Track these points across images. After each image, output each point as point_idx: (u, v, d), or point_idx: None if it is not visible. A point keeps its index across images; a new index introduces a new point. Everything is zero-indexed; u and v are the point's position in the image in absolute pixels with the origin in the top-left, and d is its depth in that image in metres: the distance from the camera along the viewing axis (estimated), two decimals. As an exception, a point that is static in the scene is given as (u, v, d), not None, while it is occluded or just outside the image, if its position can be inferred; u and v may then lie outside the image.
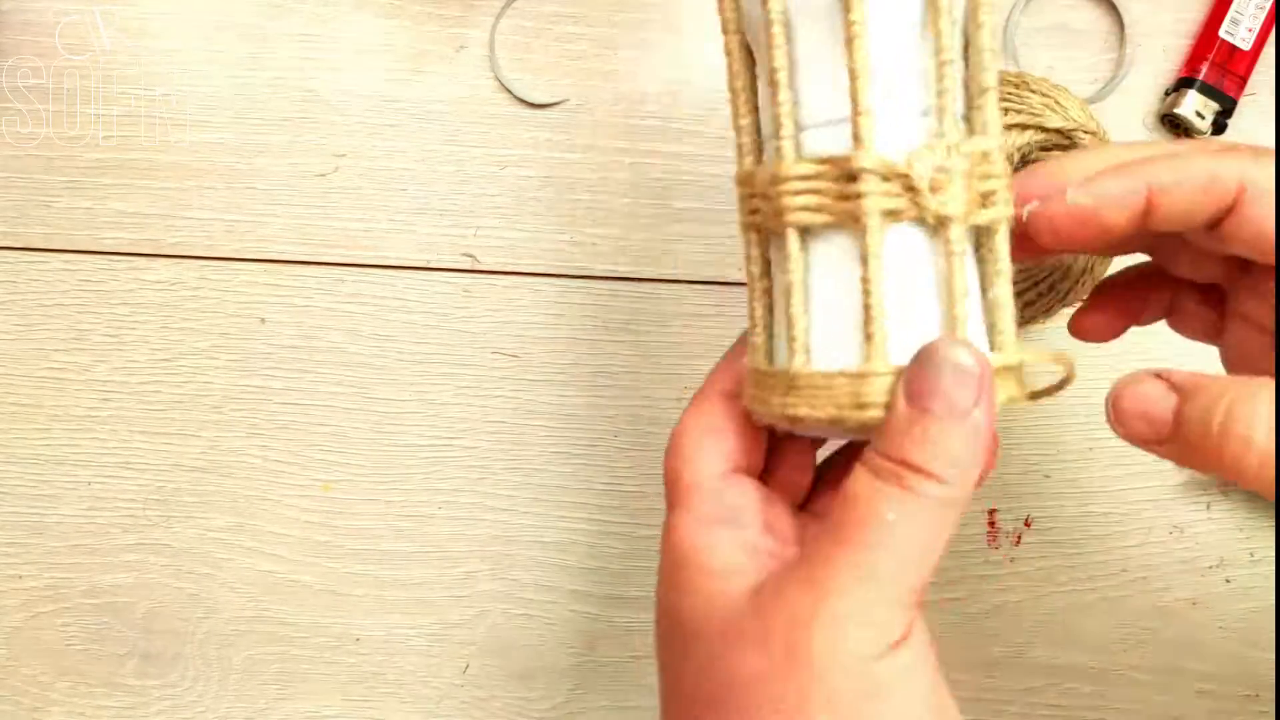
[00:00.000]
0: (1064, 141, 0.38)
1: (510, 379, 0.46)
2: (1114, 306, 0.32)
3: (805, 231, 0.26)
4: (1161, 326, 0.33)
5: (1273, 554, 0.45)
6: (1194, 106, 0.45)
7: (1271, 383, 0.24)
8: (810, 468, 0.32)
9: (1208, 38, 0.45)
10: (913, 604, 0.25)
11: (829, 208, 0.25)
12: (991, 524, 0.45)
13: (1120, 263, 0.40)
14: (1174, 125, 0.46)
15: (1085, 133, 0.38)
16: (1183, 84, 0.45)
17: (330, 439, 0.46)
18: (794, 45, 0.26)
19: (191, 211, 0.47)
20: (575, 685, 0.45)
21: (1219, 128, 0.45)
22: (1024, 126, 0.38)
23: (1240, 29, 0.45)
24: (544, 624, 0.45)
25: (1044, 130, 0.38)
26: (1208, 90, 0.45)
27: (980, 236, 0.26)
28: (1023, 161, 0.38)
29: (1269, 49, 0.46)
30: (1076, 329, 0.33)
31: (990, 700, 0.44)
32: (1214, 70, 0.45)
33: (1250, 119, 0.46)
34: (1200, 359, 0.32)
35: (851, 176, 0.25)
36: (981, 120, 0.26)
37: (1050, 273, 0.38)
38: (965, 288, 0.25)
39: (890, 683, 0.24)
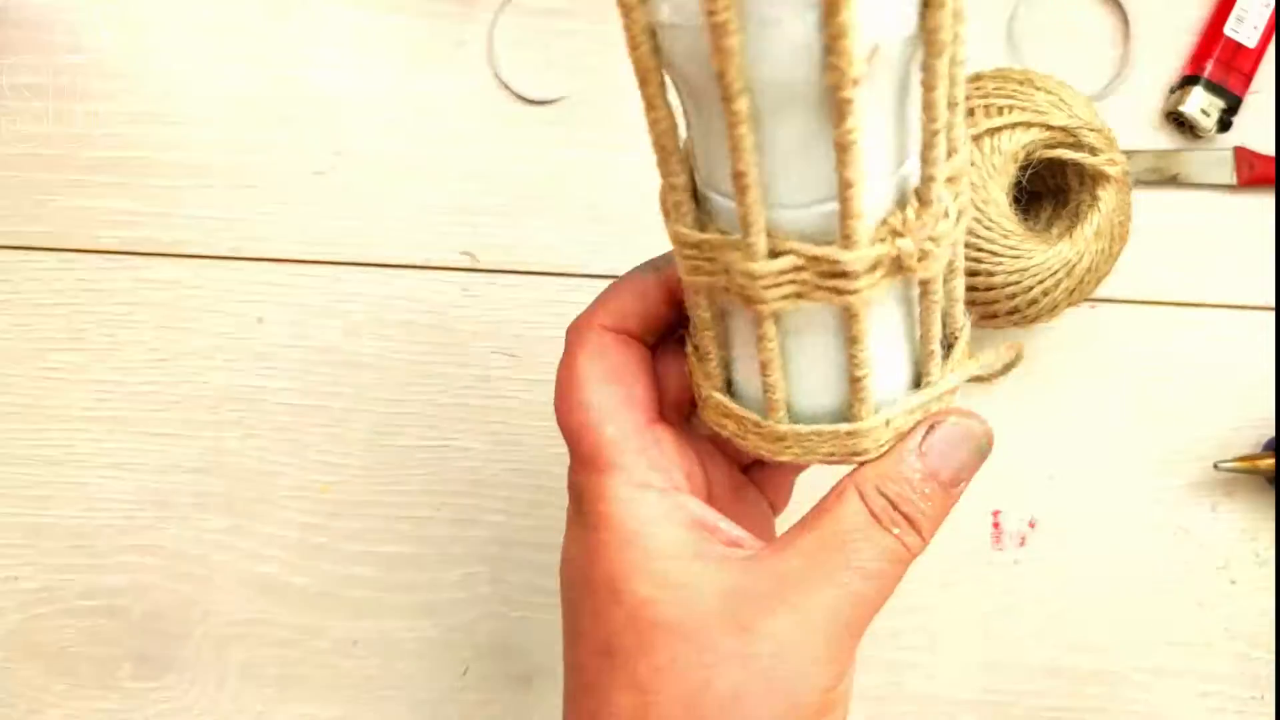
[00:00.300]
0: (1069, 139, 0.38)
1: (510, 379, 0.45)
2: None
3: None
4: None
5: (1279, 555, 0.44)
6: (1199, 104, 0.44)
7: None
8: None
9: (1212, 35, 0.45)
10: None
11: (810, 295, 0.23)
12: (996, 525, 0.45)
13: (1121, 265, 0.40)
14: (1179, 123, 0.45)
15: (1090, 130, 0.38)
16: (1187, 81, 0.45)
17: (328, 440, 0.45)
18: (760, 136, 0.21)
19: (189, 210, 0.46)
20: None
21: (1224, 125, 0.45)
22: (1029, 125, 0.37)
23: (1245, 26, 0.45)
24: (543, 627, 0.45)
25: (1049, 128, 0.37)
26: (1212, 88, 0.45)
27: None
28: (1028, 159, 0.38)
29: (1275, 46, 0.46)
30: None
31: (994, 702, 0.44)
32: (1219, 67, 0.45)
33: (1255, 116, 0.46)
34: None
35: (840, 273, 0.22)
36: (954, 139, 0.23)
37: (1055, 271, 0.37)
38: (940, 327, 0.25)
39: (834, 706, 0.26)
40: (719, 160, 0.22)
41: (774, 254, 0.22)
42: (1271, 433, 0.44)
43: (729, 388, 0.27)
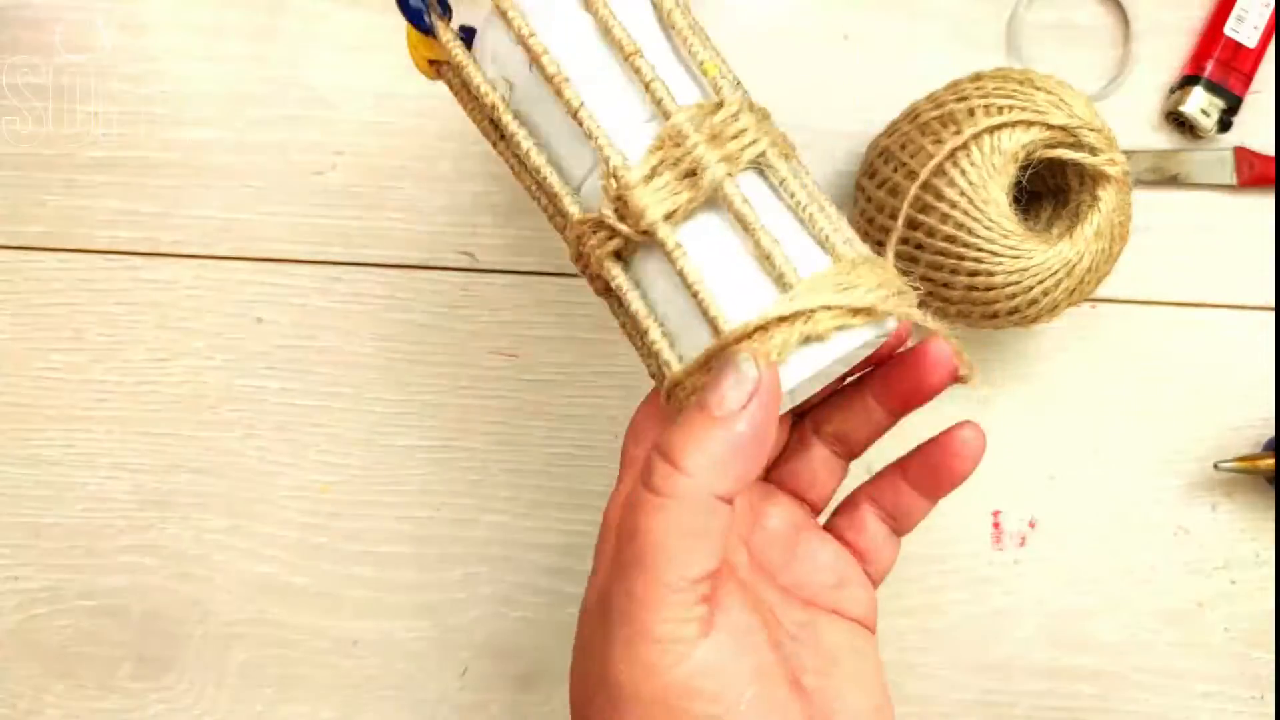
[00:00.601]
0: (1069, 139, 0.37)
1: (509, 379, 0.45)
2: None
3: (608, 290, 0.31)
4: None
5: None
6: (1199, 104, 0.44)
7: None
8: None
9: (1212, 34, 0.45)
10: (700, 599, 0.26)
11: (590, 264, 0.30)
12: (996, 525, 0.45)
13: (1121, 265, 0.40)
14: (1179, 123, 0.45)
15: (1090, 130, 0.37)
16: (1188, 81, 0.45)
17: (327, 440, 0.45)
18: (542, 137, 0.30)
19: (188, 210, 0.46)
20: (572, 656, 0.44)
21: (1224, 125, 0.45)
22: (1029, 124, 0.37)
23: (1245, 26, 0.45)
24: (543, 627, 0.45)
25: (1049, 128, 0.37)
26: (1212, 88, 0.45)
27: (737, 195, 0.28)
28: (1028, 159, 0.38)
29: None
30: None
31: (994, 702, 0.44)
32: (1219, 67, 0.45)
33: (1255, 116, 0.46)
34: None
35: (579, 237, 0.30)
36: (668, 110, 0.28)
37: (1055, 271, 0.37)
38: (697, 274, 0.28)
39: (693, 681, 0.25)
40: (567, 143, 0.30)
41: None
42: (1271, 433, 0.44)
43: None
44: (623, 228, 0.29)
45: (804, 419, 0.34)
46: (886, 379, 0.32)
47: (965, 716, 0.44)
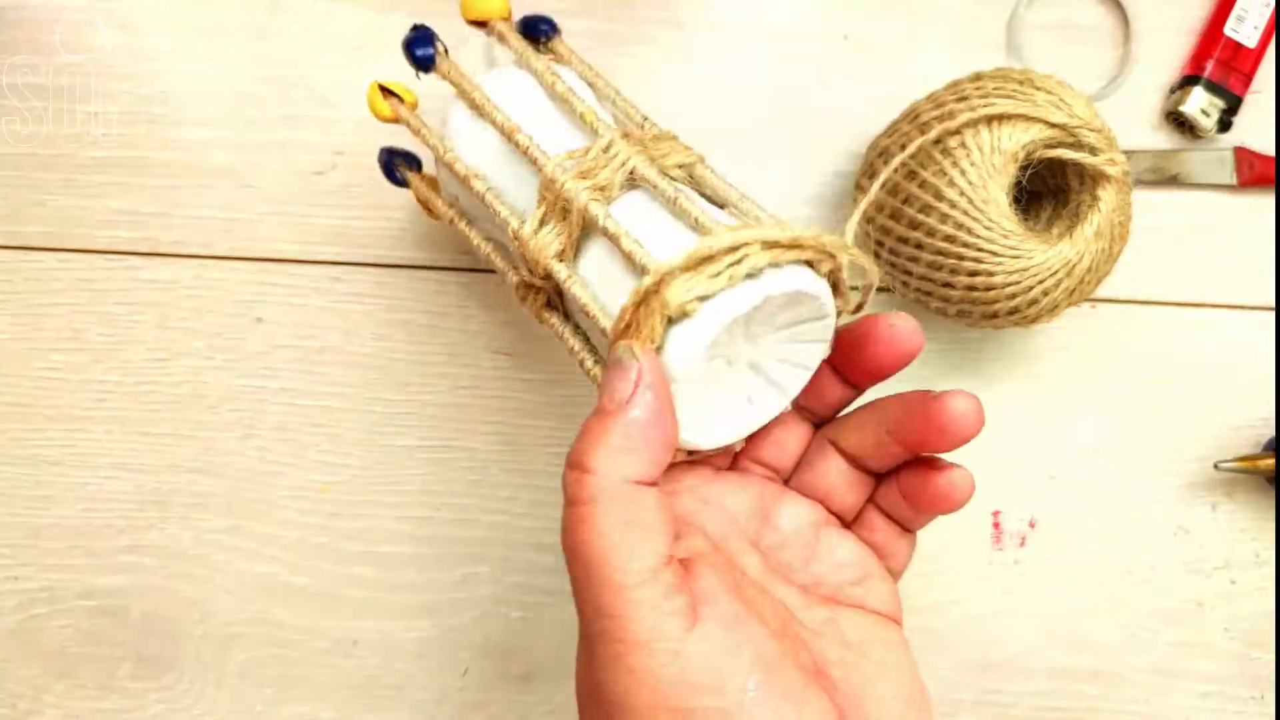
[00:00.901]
0: (1068, 139, 0.37)
1: (509, 379, 0.45)
2: None
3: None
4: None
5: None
6: (1199, 104, 0.45)
7: None
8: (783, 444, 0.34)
9: (1212, 34, 0.45)
10: (671, 588, 0.25)
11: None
12: (996, 525, 0.45)
13: (1121, 265, 0.40)
14: (1179, 123, 0.45)
15: (1090, 130, 0.37)
16: (1187, 81, 0.45)
17: (327, 440, 0.45)
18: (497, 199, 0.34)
19: (188, 210, 0.46)
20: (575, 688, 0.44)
21: (1224, 125, 0.45)
22: (1029, 124, 0.37)
23: (1245, 26, 0.45)
24: (543, 627, 0.45)
25: (1049, 127, 0.37)
26: (1213, 88, 0.45)
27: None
28: (1028, 159, 0.38)
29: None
30: None
31: (994, 703, 0.44)
32: (1219, 67, 0.45)
33: (1255, 116, 0.46)
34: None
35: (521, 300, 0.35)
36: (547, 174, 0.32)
37: (1055, 271, 0.37)
38: (588, 295, 0.31)
39: (689, 677, 0.24)
40: (498, 228, 0.35)
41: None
42: (1271, 433, 0.44)
43: None
44: (534, 279, 0.33)
45: (820, 430, 0.34)
46: (903, 420, 0.31)
47: (965, 716, 0.44)
